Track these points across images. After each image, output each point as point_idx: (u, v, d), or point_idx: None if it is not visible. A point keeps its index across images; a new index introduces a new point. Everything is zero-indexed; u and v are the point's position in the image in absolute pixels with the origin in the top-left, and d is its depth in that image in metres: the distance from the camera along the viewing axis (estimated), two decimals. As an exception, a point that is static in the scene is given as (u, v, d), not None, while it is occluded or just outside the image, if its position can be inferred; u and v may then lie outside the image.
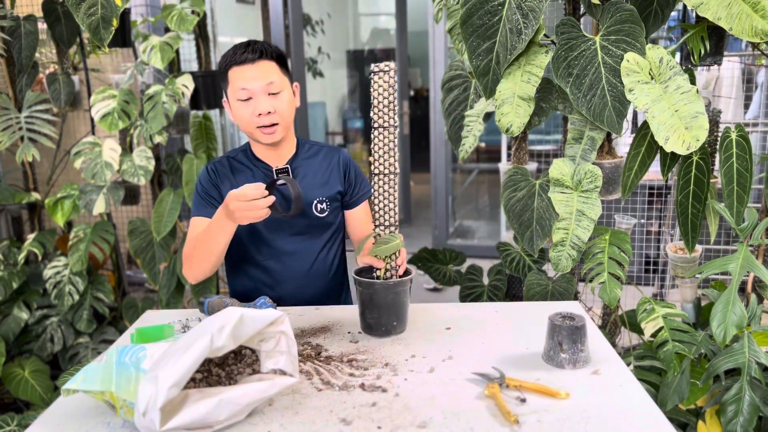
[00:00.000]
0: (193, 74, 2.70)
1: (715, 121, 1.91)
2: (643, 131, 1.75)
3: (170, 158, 2.83)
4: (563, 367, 1.21)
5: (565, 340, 1.20)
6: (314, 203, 1.64)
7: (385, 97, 1.35)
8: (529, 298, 1.94)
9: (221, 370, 1.11)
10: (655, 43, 1.92)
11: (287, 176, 1.52)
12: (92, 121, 2.67)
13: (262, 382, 1.04)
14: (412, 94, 7.80)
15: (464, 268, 2.44)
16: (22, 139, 2.55)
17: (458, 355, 1.28)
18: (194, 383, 1.06)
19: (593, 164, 1.78)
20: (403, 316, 1.40)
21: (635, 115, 2.52)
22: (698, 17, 1.70)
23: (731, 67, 2.94)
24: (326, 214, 1.66)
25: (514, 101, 1.75)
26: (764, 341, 1.72)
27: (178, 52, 2.85)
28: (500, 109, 1.77)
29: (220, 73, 1.59)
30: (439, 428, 1.02)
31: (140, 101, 2.61)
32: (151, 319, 1.55)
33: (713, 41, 1.78)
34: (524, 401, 1.09)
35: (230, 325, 1.00)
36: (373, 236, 1.40)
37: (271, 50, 1.55)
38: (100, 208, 2.55)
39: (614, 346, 2.06)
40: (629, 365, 1.80)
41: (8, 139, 2.51)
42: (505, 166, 2.35)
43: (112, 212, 2.85)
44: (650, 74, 1.63)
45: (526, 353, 1.28)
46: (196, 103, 2.82)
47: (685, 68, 1.75)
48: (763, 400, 1.60)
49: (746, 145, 1.67)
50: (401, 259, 1.42)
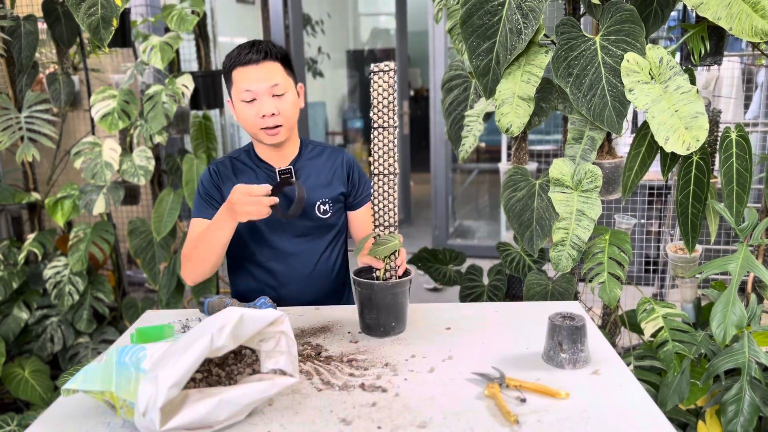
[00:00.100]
0: (193, 74, 2.70)
1: (715, 121, 1.91)
2: (643, 131, 1.75)
3: (170, 158, 2.83)
4: (563, 367, 1.21)
5: (565, 340, 1.20)
6: (317, 204, 1.64)
7: (384, 97, 1.34)
8: (529, 298, 1.94)
9: (221, 370, 1.11)
10: (655, 43, 1.92)
11: (296, 180, 1.52)
12: (92, 121, 2.67)
13: (262, 382, 1.04)
14: (412, 94, 7.80)
15: (464, 268, 2.44)
16: (22, 139, 2.55)
17: (458, 355, 1.28)
18: (194, 383, 1.06)
19: (593, 164, 1.78)
20: (401, 316, 1.40)
21: (635, 115, 2.52)
22: (698, 17, 1.70)
23: (731, 67, 2.94)
24: (329, 215, 1.66)
25: (514, 101, 1.75)
26: (764, 341, 1.72)
27: (178, 52, 2.85)
28: (500, 109, 1.77)
29: (224, 72, 1.58)
30: (439, 428, 1.02)
31: (140, 101, 2.61)
32: (151, 319, 1.55)
33: (713, 41, 1.78)
34: (524, 401, 1.09)
35: (230, 325, 1.00)
36: (372, 236, 1.41)
37: (275, 51, 1.54)
38: (100, 208, 2.55)
39: (614, 346, 2.06)
40: (629, 365, 1.80)
41: (8, 139, 2.51)
42: (505, 166, 2.35)
43: (112, 212, 2.85)
44: (650, 74, 1.63)
45: (526, 353, 1.28)
46: (196, 103, 2.82)
47: (685, 68, 1.75)
48: (763, 400, 1.60)
49: (746, 145, 1.67)
50: (401, 259, 1.42)
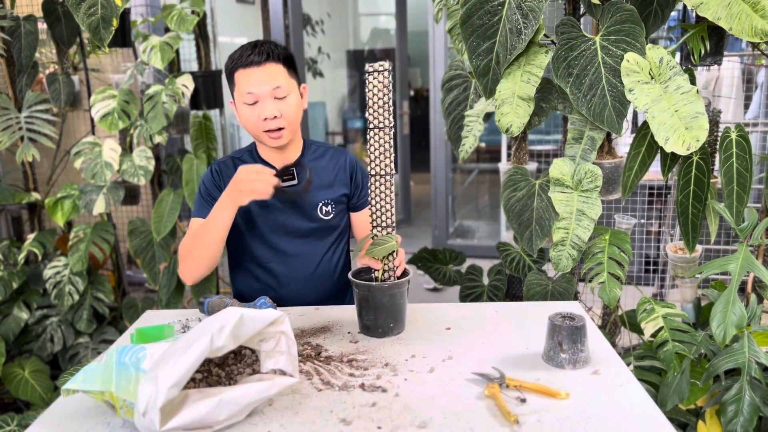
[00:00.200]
0: (193, 74, 2.70)
1: (715, 121, 1.91)
2: (643, 131, 1.75)
3: (170, 158, 2.83)
4: (563, 367, 1.21)
5: (565, 340, 1.20)
6: (319, 206, 1.64)
7: (380, 97, 1.34)
8: (529, 298, 1.94)
9: (221, 370, 1.11)
10: (655, 43, 1.92)
11: (303, 162, 1.52)
12: (92, 121, 2.67)
13: (262, 382, 1.04)
14: (412, 94, 7.79)
15: (464, 268, 2.44)
16: (22, 139, 2.55)
17: (458, 355, 1.28)
18: (194, 383, 1.06)
19: (593, 164, 1.78)
20: (400, 317, 1.40)
21: (635, 115, 2.52)
22: (698, 17, 1.70)
23: (731, 67, 2.94)
24: (331, 216, 1.65)
25: (514, 101, 1.75)
26: (764, 341, 1.72)
27: (178, 52, 2.85)
28: (500, 109, 1.77)
29: (226, 73, 1.57)
30: (439, 428, 1.02)
31: (140, 101, 2.61)
32: (151, 319, 1.55)
33: (713, 41, 1.78)
34: (524, 401, 1.09)
35: (230, 325, 1.00)
36: (370, 237, 1.40)
37: (278, 52, 1.52)
38: (100, 208, 2.55)
39: (614, 346, 2.06)
40: (629, 365, 1.80)
41: (8, 139, 2.51)
42: (505, 166, 2.35)
43: (112, 212, 2.85)
44: (650, 74, 1.63)
45: (526, 353, 1.28)
46: (196, 103, 2.82)
47: (685, 68, 1.75)
48: (763, 400, 1.60)
49: (746, 145, 1.67)
50: (399, 260, 1.41)
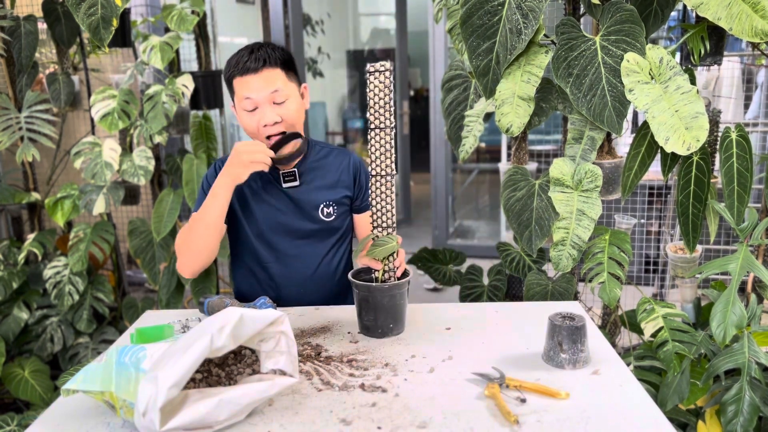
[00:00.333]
0: (193, 74, 2.70)
1: (715, 121, 1.91)
2: (643, 131, 1.75)
3: (170, 158, 2.83)
4: (563, 367, 1.21)
5: (565, 340, 1.20)
6: (320, 207, 1.63)
7: (381, 98, 1.34)
8: (529, 298, 1.94)
9: (221, 370, 1.11)
10: (655, 43, 1.92)
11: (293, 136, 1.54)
12: (92, 121, 2.67)
13: (262, 382, 1.04)
14: (412, 94, 7.80)
15: (464, 268, 2.44)
16: (22, 139, 2.55)
17: (458, 355, 1.28)
18: (194, 383, 1.06)
19: (593, 164, 1.78)
20: (400, 318, 1.40)
21: (635, 115, 2.52)
22: (698, 17, 1.70)
23: (731, 67, 2.94)
24: (333, 218, 1.65)
25: (514, 101, 1.75)
26: (764, 341, 1.72)
27: (178, 52, 2.85)
28: (500, 109, 1.77)
29: (225, 80, 1.56)
30: (439, 428, 1.02)
31: (140, 101, 2.61)
32: (151, 319, 1.55)
33: (713, 41, 1.78)
34: (524, 401, 1.09)
35: (230, 325, 1.00)
36: (371, 237, 1.40)
37: (275, 56, 1.50)
38: (100, 208, 2.55)
39: (614, 346, 2.06)
40: (629, 365, 1.80)
41: (8, 139, 2.51)
42: (505, 166, 2.35)
43: (112, 212, 2.85)
44: (650, 74, 1.63)
45: (526, 353, 1.28)
46: (196, 103, 2.82)
47: (685, 68, 1.75)
48: (763, 400, 1.60)
49: (746, 145, 1.67)
50: (399, 260, 1.41)
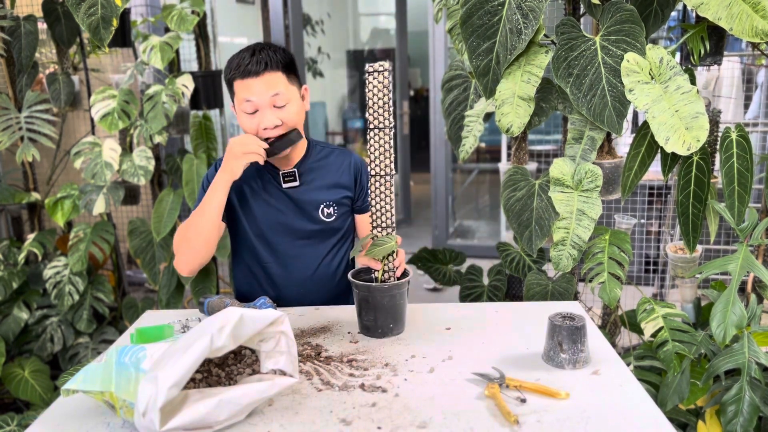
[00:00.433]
0: (193, 74, 2.70)
1: (715, 121, 1.91)
2: (643, 131, 1.75)
3: (170, 158, 2.83)
4: (563, 367, 1.21)
5: (565, 340, 1.20)
6: (321, 207, 1.63)
7: (380, 98, 1.34)
8: (529, 298, 1.94)
9: (221, 370, 1.11)
10: (655, 43, 1.92)
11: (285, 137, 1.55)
12: (92, 121, 2.67)
13: (262, 382, 1.04)
14: (412, 94, 7.79)
15: (464, 268, 2.44)
16: (22, 139, 2.55)
17: (458, 355, 1.28)
18: (194, 383, 1.06)
19: (593, 164, 1.78)
20: (400, 318, 1.40)
21: (635, 115, 2.52)
22: (698, 17, 1.70)
23: (731, 67, 2.94)
24: (333, 218, 1.64)
25: (514, 101, 1.75)
26: (764, 341, 1.72)
27: (178, 52, 2.85)
28: (500, 109, 1.77)
29: (225, 81, 1.55)
30: (439, 428, 1.02)
31: (140, 101, 2.61)
32: (151, 319, 1.55)
33: (713, 41, 1.78)
34: (524, 401, 1.09)
35: (230, 325, 1.00)
36: (370, 237, 1.40)
37: (277, 59, 1.49)
38: (100, 208, 2.55)
39: (614, 346, 2.06)
40: (629, 365, 1.80)
41: (8, 139, 2.51)
42: (505, 166, 2.35)
43: (112, 212, 2.85)
44: (650, 74, 1.63)
45: (526, 353, 1.28)
46: (196, 103, 2.82)
47: (685, 68, 1.75)
48: (763, 400, 1.60)
49: (746, 145, 1.67)
50: (399, 260, 1.41)
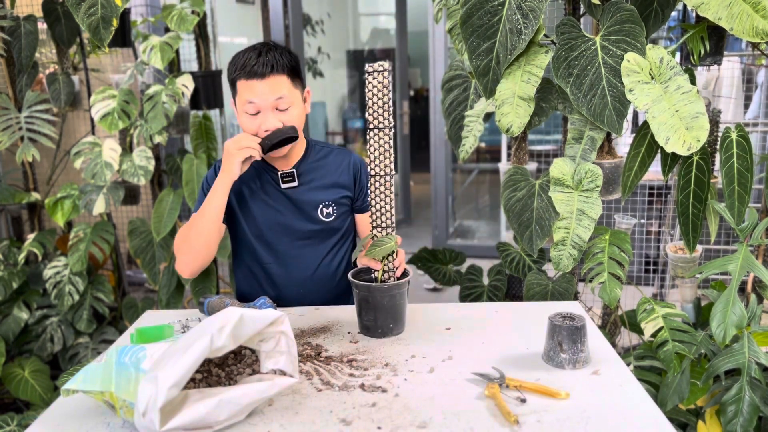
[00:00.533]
0: (193, 74, 2.70)
1: (715, 121, 1.91)
2: (643, 131, 1.75)
3: (170, 158, 2.83)
4: (563, 367, 1.21)
5: (565, 340, 1.20)
6: (320, 207, 1.63)
7: (379, 98, 1.34)
8: (529, 298, 1.94)
9: (221, 370, 1.11)
10: (655, 43, 1.92)
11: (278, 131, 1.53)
12: (92, 121, 2.67)
13: (262, 382, 1.04)
14: (412, 94, 7.79)
15: (464, 268, 2.44)
16: (22, 139, 2.55)
17: (458, 355, 1.28)
18: (194, 383, 1.06)
19: (593, 164, 1.78)
20: (400, 318, 1.40)
21: (635, 115, 2.52)
22: (698, 17, 1.70)
23: (731, 67, 2.94)
24: (332, 218, 1.64)
25: (514, 101, 1.75)
26: (764, 341, 1.72)
27: (178, 52, 2.85)
28: (500, 109, 1.77)
29: (228, 78, 1.55)
30: (439, 428, 1.02)
31: (140, 101, 2.61)
32: (151, 319, 1.55)
33: (713, 41, 1.78)
34: (524, 401, 1.09)
35: (230, 325, 1.00)
36: (370, 237, 1.40)
37: (283, 63, 1.48)
38: (100, 208, 2.55)
39: (614, 346, 2.06)
40: (629, 365, 1.80)
41: (8, 139, 2.51)
42: (505, 166, 2.35)
43: (112, 212, 2.85)
44: (650, 74, 1.63)
45: (526, 353, 1.28)
46: (196, 103, 2.82)
47: (685, 68, 1.75)
48: (763, 400, 1.60)
49: (746, 145, 1.67)
50: (399, 260, 1.41)
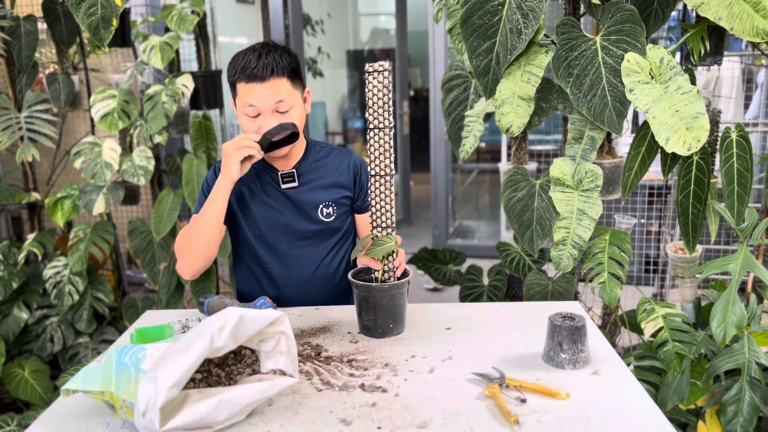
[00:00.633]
0: (193, 74, 2.70)
1: (715, 121, 1.91)
2: (643, 131, 1.75)
3: (170, 158, 2.83)
4: (563, 367, 1.21)
5: (565, 340, 1.20)
6: (320, 207, 1.63)
7: (379, 98, 1.34)
8: (529, 298, 1.94)
9: (221, 370, 1.11)
10: (655, 43, 1.92)
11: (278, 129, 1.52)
12: (92, 121, 2.67)
13: (262, 382, 1.04)
14: (412, 94, 7.79)
15: (464, 268, 2.44)
16: (22, 139, 2.55)
17: (458, 355, 1.28)
18: (194, 383, 1.06)
19: (593, 164, 1.77)
20: (400, 318, 1.40)
21: (635, 115, 2.52)
22: (698, 17, 1.70)
23: (731, 67, 2.94)
24: (332, 218, 1.64)
25: (514, 101, 1.75)
26: (764, 341, 1.72)
27: (178, 52, 2.85)
28: (500, 109, 1.77)
29: (228, 80, 1.54)
30: (439, 428, 1.02)
31: (140, 101, 2.61)
32: (151, 319, 1.55)
33: (713, 41, 1.78)
34: (524, 401, 1.09)
35: (230, 325, 1.00)
36: (370, 237, 1.40)
37: (283, 65, 1.47)
38: (100, 208, 2.55)
39: (614, 346, 2.06)
40: (629, 365, 1.80)
41: (8, 139, 2.51)
42: (505, 166, 2.35)
43: (112, 212, 2.84)
44: (651, 74, 1.63)
45: (526, 353, 1.28)
46: (196, 103, 2.82)
47: (685, 68, 1.75)
48: (763, 400, 1.59)
49: (746, 145, 1.67)
50: (399, 260, 1.41)
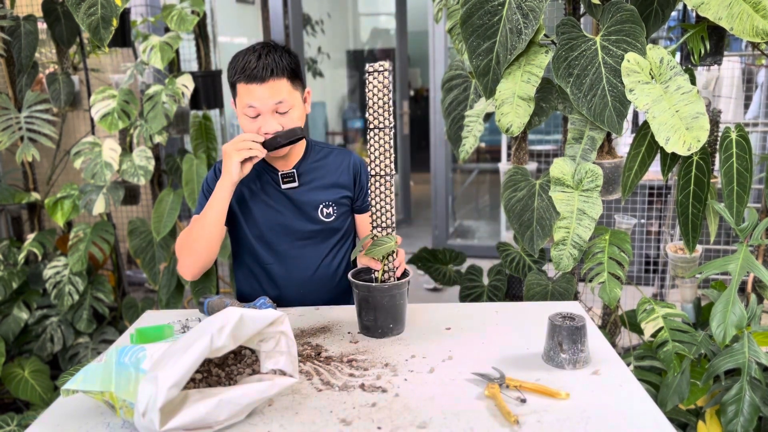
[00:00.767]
0: (193, 74, 2.70)
1: (715, 121, 1.91)
2: (643, 131, 1.75)
3: (170, 158, 2.83)
4: (563, 367, 1.21)
5: (565, 340, 1.20)
6: (320, 207, 1.63)
7: (380, 98, 1.34)
8: (529, 298, 1.94)
9: (221, 370, 1.11)
10: (655, 43, 1.92)
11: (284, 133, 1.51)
12: (92, 121, 2.67)
13: (262, 382, 1.04)
14: (412, 94, 7.79)
15: (464, 268, 2.44)
16: (22, 139, 2.55)
17: (458, 355, 1.28)
18: (194, 383, 1.06)
19: (593, 164, 1.78)
20: (400, 318, 1.40)
21: (635, 115, 2.52)
22: (698, 17, 1.70)
23: (731, 67, 2.94)
24: (333, 218, 1.64)
25: (514, 101, 1.75)
26: (764, 341, 1.72)
27: (178, 52, 2.85)
28: (500, 109, 1.77)
29: (228, 80, 1.54)
30: (439, 428, 1.02)
31: (140, 101, 2.61)
32: (151, 319, 1.55)
33: (713, 41, 1.78)
34: (524, 401, 1.09)
35: (230, 325, 1.00)
36: (370, 237, 1.40)
37: (283, 65, 1.47)
38: (100, 208, 2.55)
39: (614, 346, 2.06)
40: (629, 365, 1.80)
41: (8, 139, 2.51)
42: (505, 166, 2.35)
43: (112, 212, 2.85)
44: (651, 74, 1.63)
45: (526, 353, 1.28)
46: (196, 103, 2.82)
47: (685, 68, 1.75)
48: (763, 400, 1.60)
49: (746, 145, 1.67)
50: (399, 260, 1.41)
